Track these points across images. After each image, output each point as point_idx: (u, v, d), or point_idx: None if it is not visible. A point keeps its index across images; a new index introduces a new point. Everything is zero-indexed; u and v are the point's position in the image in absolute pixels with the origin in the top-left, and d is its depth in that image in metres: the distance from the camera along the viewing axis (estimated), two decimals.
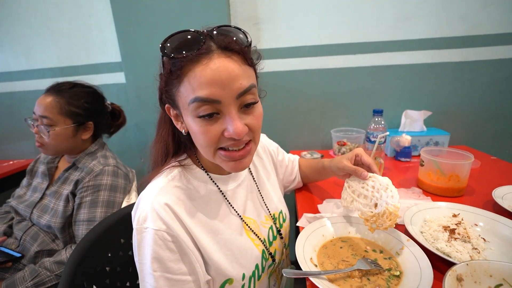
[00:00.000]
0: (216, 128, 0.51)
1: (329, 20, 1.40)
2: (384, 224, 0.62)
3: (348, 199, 0.71)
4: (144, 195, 0.57)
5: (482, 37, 1.35)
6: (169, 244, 0.52)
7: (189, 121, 0.53)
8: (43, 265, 0.93)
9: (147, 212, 0.53)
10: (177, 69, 0.50)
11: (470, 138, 1.47)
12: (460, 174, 0.90)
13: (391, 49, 1.40)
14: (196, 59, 0.48)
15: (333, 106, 1.52)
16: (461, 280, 0.48)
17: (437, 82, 1.43)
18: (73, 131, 1.03)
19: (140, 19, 1.38)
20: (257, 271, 0.64)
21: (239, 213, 0.66)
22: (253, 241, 0.66)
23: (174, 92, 0.53)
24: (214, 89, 0.48)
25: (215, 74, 0.47)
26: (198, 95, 0.48)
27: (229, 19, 1.40)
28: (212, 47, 0.49)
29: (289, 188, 0.98)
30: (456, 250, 0.61)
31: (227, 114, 0.50)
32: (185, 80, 0.49)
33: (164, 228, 0.52)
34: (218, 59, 0.48)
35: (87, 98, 1.06)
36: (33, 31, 1.62)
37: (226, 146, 0.54)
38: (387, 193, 0.64)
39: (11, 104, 1.78)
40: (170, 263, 0.52)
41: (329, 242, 0.70)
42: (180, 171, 0.61)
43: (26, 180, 1.17)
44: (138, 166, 1.37)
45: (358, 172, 0.71)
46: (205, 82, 0.48)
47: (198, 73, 0.48)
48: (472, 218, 0.74)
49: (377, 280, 0.56)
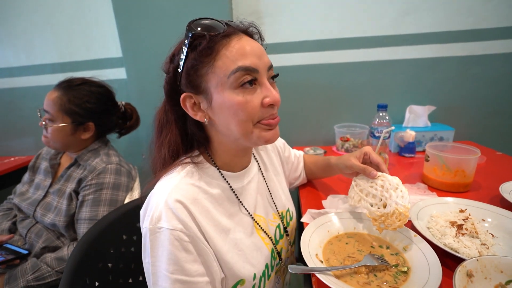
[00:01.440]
0: (257, 97, 0.53)
1: (332, 14, 1.38)
2: (394, 225, 0.61)
3: (356, 198, 0.70)
4: (155, 193, 0.54)
5: (488, 30, 1.32)
6: (185, 245, 0.50)
7: (226, 96, 0.52)
8: (44, 260, 0.93)
9: (161, 211, 0.50)
10: (210, 45, 0.51)
11: (475, 134, 1.45)
12: (466, 169, 0.89)
13: (395, 43, 1.38)
14: (228, 36, 0.52)
15: (336, 102, 1.51)
16: (471, 276, 0.47)
17: (441, 77, 1.41)
18: (71, 130, 1.02)
19: (140, 13, 1.36)
20: (267, 270, 0.63)
21: (249, 212, 0.65)
22: (263, 240, 0.65)
23: (203, 72, 0.53)
24: (253, 58, 0.52)
25: (251, 46, 0.53)
26: (241, 64, 0.51)
27: (231, 13, 1.38)
28: (236, 30, 0.54)
29: (294, 185, 0.97)
30: (465, 246, 0.60)
31: (263, 84, 0.54)
32: (222, 53, 0.51)
33: (180, 228, 0.49)
34: (246, 37, 0.55)
35: (90, 98, 1.04)
36: (33, 26, 1.61)
37: (264, 117, 0.55)
38: (397, 193, 0.62)
39: (11, 100, 1.77)
40: (187, 265, 0.49)
41: (334, 238, 0.69)
42: (192, 167, 0.58)
43: (27, 176, 1.16)
44: (140, 163, 1.37)
45: (367, 170, 0.69)
46: (245, 52, 0.52)
47: (235, 45, 0.52)
48: (479, 213, 0.73)
49: (384, 276, 0.55)
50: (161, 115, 0.61)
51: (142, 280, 0.85)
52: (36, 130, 1.73)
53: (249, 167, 0.69)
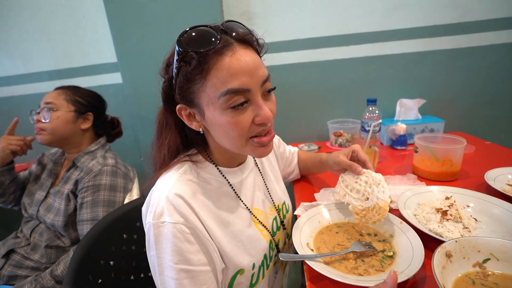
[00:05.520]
0: (247, 117, 0.53)
1: (321, 13, 1.41)
2: (373, 218, 0.64)
3: (341, 192, 0.72)
4: (156, 189, 0.57)
5: (474, 23, 1.36)
6: (187, 237, 0.53)
7: (217, 116, 0.52)
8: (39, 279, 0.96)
9: (163, 206, 0.53)
10: (200, 63, 0.49)
11: (465, 125, 1.49)
12: (453, 158, 0.92)
13: (384, 39, 1.42)
14: (220, 51, 0.49)
15: (328, 98, 1.54)
16: (450, 256, 0.50)
17: (430, 70, 1.44)
18: (74, 118, 1.09)
19: (133, 17, 1.39)
20: (265, 260, 0.66)
21: (247, 205, 0.68)
22: (261, 232, 0.68)
23: (195, 89, 0.52)
24: (244, 78, 0.50)
25: (243, 64, 0.50)
26: (231, 86, 0.49)
27: (222, 15, 1.41)
28: (230, 40, 0.51)
29: (287, 180, 1.00)
30: (448, 230, 0.63)
31: (255, 102, 0.53)
32: (212, 74, 0.49)
33: (182, 221, 0.52)
34: (240, 50, 0.51)
35: (89, 94, 1.16)
36: (29, 35, 1.63)
37: (256, 133, 0.56)
38: (378, 188, 0.65)
39: (9, 108, 1.80)
40: (190, 255, 0.52)
41: (325, 228, 0.72)
42: (190, 165, 0.61)
43: (35, 168, 1.20)
44: (138, 165, 1.39)
45: (353, 167, 0.72)
46: (235, 72, 0.49)
47: (226, 65, 0.49)
48: (464, 199, 0.76)
49: (371, 261, 0.58)
50: (161, 117, 0.63)
51: (144, 277, 0.89)
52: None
53: (245, 163, 0.72)
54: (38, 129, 1.06)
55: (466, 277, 0.49)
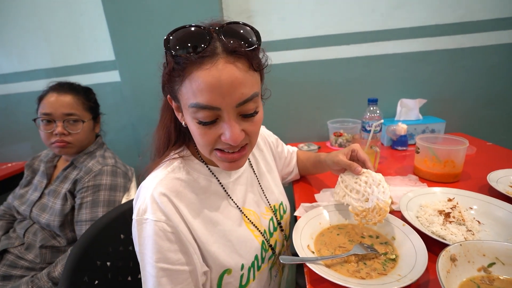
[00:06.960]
0: (214, 132, 0.52)
1: (322, 11, 1.40)
2: (374, 219, 0.63)
3: (341, 193, 0.71)
4: (144, 186, 0.58)
5: (476, 23, 1.34)
6: (168, 235, 0.53)
7: (188, 120, 0.53)
8: (36, 280, 0.94)
9: (147, 204, 0.54)
10: (179, 68, 0.48)
11: (466, 125, 1.48)
12: (455, 159, 0.91)
13: (385, 38, 1.40)
14: (199, 61, 0.46)
15: (329, 97, 1.53)
16: (455, 260, 0.49)
17: (431, 70, 1.43)
18: (93, 125, 1.11)
19: (131, 15, 1.37)
20: (256, 261, 0.65)
21: (238, 205, 0.67)
22: (252, 232, 0.66)
23: (176, 88, 0.52)
24: (214, 96, 0.47)
25: (217, 82, 0.46)
26: (198, 101, 0.48)
27: (221, 13, 1.39)
28: (218, 50, 0.47)
29: (286, 180, 0.99)
30: (451, 233, 0.62)
31: (225, 120, 0.50)
32: (187, 81, 0.48)
33: (164, 219, 0.53)
34: (222, 64, 0.46)
35: (92, 93, 1.14)
36: (26, 32, 1.62)
37: (222, 148, 0.55)
38: (378, 188, 0.64)
39: (6, 106, 1.78)
40: (169, 254, 0.53)
41: (326, 229, 0.70)
42: (179, 163, 0.62)
43: (25, 177, 1.16)
44: (136, 164, 1.38)
45: (352, 167, 0.71)
46: (206, 88, 0.46)
47: (200, 78, 0.46)
48: (467, 201, 0.75)
49: (373, 264, 0.57)
50: (165, 100, 0.63)
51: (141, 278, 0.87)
52: (32, 135, 1.75)
53: None
54: (64, 143, 1.02)
55: (471, 282, 0.48)
